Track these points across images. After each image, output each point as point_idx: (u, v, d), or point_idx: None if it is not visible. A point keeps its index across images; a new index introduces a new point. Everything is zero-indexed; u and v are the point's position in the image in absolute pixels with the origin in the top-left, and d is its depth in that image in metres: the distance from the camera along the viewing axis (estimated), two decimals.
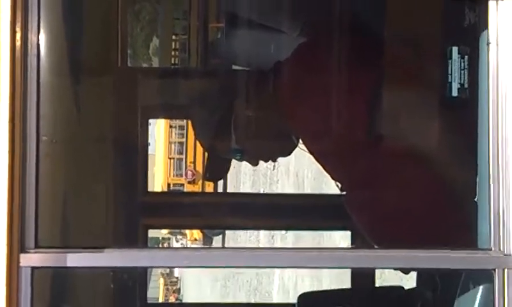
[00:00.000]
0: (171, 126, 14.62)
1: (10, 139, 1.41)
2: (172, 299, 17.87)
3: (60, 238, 2.07)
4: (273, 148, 2.30)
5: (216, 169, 2.46)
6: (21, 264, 1.40)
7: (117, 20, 2.82)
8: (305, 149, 2.24)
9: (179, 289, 18.88)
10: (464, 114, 1.78)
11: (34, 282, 1.40)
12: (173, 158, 14.78)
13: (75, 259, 1.43)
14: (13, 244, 1.39)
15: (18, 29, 1.43)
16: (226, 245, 11.76)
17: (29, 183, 1.42)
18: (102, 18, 2.72)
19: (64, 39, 2.19)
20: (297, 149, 2.29)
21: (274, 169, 10.55)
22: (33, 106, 1.43)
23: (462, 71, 1.86)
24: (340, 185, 2.22)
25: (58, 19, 2.04)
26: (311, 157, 2.25)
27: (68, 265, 1.42)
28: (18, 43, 1.43)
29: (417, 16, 2.01)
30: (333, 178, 2.25)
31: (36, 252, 1.41)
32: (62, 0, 2.02)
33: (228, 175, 3.52)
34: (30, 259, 1.40)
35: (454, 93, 1.86)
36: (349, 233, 2.85)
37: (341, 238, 5.96)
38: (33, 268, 1.40)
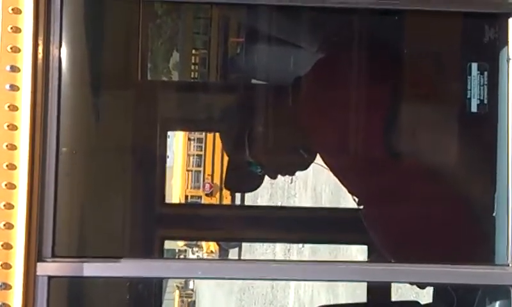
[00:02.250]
0: (189, 139, 14.68)
1: (30, 149, 1.43)
2: None
3: (77, 248, 2.09)
4: (290, 161, 2.30)
5: (234, 179, 2.48)
6: (38, 273, 1.41)
7: (138, 35, 2.85)
8: (323, 164, 2.24)
9: (194, 301, 18.86)
10: (483, 130, 1.77)
11: (50, 291, 1.41)
12: (191, 171, 14.83)
13: (92, 268, 1.44)
14: (30, 253, 1.41)
15: (40, 42, 1.45)
16: (242, 258, 11.73)
17: (47, 193, 1.44)
18: (124, 32, 2.75)
19: (86, 52, 2.22)
20: (314, 164, 2.30)
21: (291, 182, 10.54)
22: (54, 118, 1.45)
23: (481, 87, 1.85)
24: (357, 200, 2.22)
25: (80, 32, 2.07)
26: (329, 171, 2.25)
27: (85, 274, 1.43)
28: (40, 56, 1.45)
29: (436, 33, 2.01)
30: (350, 192, 2.25)
31: (53, 262, 1.42)
32: (84, 14, 2.05)
33: None
34: (47, 268, 1.42)
35: (474, 109, 1.85)
36: (365, 247, 2.84)
37: (357, 252, 5.93)
38: (50, 277, 1.42)
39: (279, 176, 2.38)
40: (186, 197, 14.63)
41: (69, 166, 1.86)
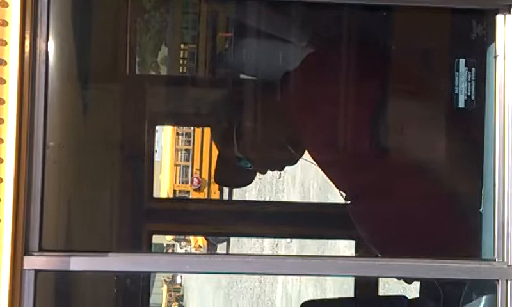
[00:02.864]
0: (177, 134, 14.66)
1: (17, 143, 1.42)
2: (175, 306, 17.87)
3: (65, 242, 2.08)
4: (278, 157, 2.31)
5: (224, 174, 2.48)
6: (25, 267, 1.40)
7: (126, 29, 2.84)
8: (311, 160, 2.25)
9: (182, 296, 18.86)
10: (470, 126, 1.78)
11: (37, 285, 1.41)
12: (179, 166, 14.80)
13: (79, 262, 1.44)
14: (17, 247, 1.40)
15: (27, 35, 1.44)
16: (230, 253, 11.74)
17: (34, 187, 1.43)
18: (112, 26, 2.74)
19: (73, 46, 2.20)
20: (303, 159, 2.30)
21: (280, 178, 10.55)
22: (41, 112, 1.44)
23: (469, 83, 1.86)
24: (344, 195, 2.23)
25: (67, 26, 2.05)
26: (317, 167, 2.25)
27: (72, 268, 1.43)
28: (27, 49, 1.44)
29: (424, 29, 2.01)
30: (337, 187, 2.26)
31: (40, 255, 1.42)
32: (72, 8, 2.04)
33: None
34: (34, 262, 1.41)
35: (461, 105, 1.86)
36: (353, 242, 2.85)
37: (345, 247, 5.96)
38: (37, 271, 1.41)
39: (268, 171, 2.38)
40: (174, 192, 14.61)
41: (56, 160, 1.85)
